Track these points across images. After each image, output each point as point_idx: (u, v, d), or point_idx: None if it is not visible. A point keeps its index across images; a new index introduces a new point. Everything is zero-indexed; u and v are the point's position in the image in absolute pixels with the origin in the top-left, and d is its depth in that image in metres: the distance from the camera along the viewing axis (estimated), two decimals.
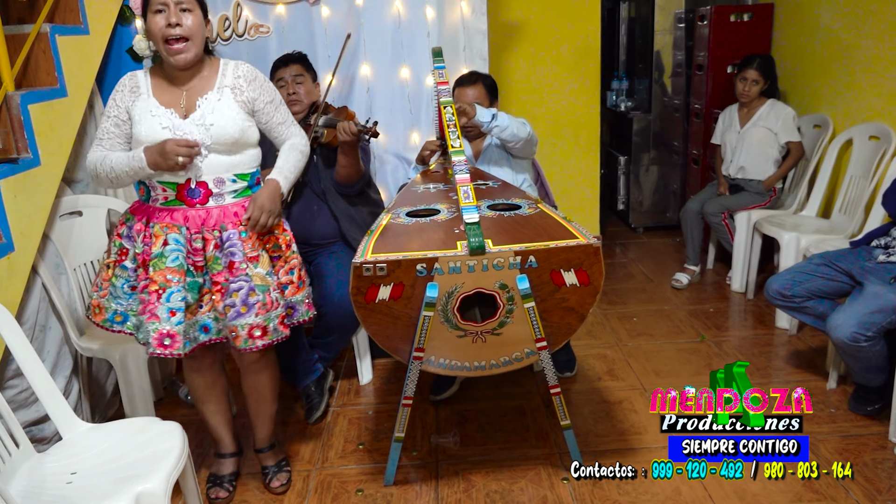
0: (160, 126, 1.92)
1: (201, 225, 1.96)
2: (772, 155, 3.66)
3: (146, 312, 1.93)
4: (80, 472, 1.75)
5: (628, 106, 5.13)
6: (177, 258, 1.93)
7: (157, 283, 1.92)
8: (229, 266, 1.97)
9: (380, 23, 3.09)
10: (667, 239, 4.83)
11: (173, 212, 1.96)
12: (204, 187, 1.96)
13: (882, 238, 2.54)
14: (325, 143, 2.73)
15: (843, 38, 3.51)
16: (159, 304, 1.92)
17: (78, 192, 2.68)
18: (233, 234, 1.97)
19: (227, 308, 1.97)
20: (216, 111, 1.95)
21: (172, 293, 1.93)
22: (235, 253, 1.97)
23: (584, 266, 1.98)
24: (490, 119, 2.55)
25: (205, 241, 1.96)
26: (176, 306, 1.93)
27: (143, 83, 1.98)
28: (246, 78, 2.02)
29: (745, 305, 3.64)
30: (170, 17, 1.87)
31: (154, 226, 1.95)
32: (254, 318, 1.98)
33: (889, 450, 2.32)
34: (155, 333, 1.92)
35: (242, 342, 1.98)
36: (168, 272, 1.93)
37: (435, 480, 2.30)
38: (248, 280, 1.98)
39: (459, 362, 2.12)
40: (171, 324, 1.93)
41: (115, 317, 2.02)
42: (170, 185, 1.95)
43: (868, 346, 2.30)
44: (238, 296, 1.97)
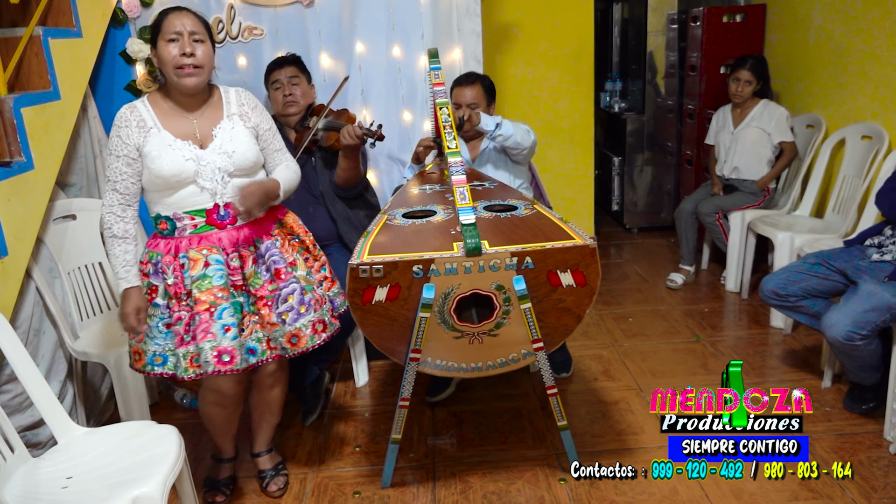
0: (183, 158, 1.92)
1: (236, 244, 1.98)
2: (765, 155, 3.68)
3: (199, 333, 1.91)
4: (75, 477, 1.74)
5: (622, 107, 5.14)
6: (221, 277, 1.94)
7: (206, 303, 1.92)
8: (276, 274, 2.03)
9: (374, 23, 3.09)
10: (661, 239, 4.84)
11: (204, 237, 1.96)
12: (231, 208, 1.98)
13: (875, 237, 2.56)
14: (325, 147, 2.73)
15: (836, 39, 3.53)
16: (213, 321, 1.91)
17: (72, 196, 2.67)
18: (270, 244, 2.04)
19: (283, 314, 2.01)
20: (234, 139, 1.99)
21: (224, 309, 1.93)
22: (278, 261, 2.04)
23: (581, 267, 1.99)
24: (494, 127, 2.55)
25: (241, 259, 1.99)
26: (229, 322, 1.93)
27: (148, 116, 1.95)
28: (250, 105, 2.08)
29: (740, 305, 3.65)
30: (184, 48, 1.89)
31: (190, 251, 1.94)
32: (314, 315, 2.07)
33: (884, 448, 2.33)
34: (213, 351, 1.91)
35: (308, 340, 2.04)
36: (217, 290, 1.93)
37: (432, 482, 2.30)
38: (297, 282, 2.05)
39: (456, 363, 2.12)
40: (227, 340, 1.92)
41: (154, 359, 2.00)
42: (198, 213, 1.96)
43: (863, 345, 2.31)
44: (294, 298, 2.03)
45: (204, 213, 1.96)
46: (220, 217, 1.98)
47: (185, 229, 1.97)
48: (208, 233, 1.97)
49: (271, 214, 2.10)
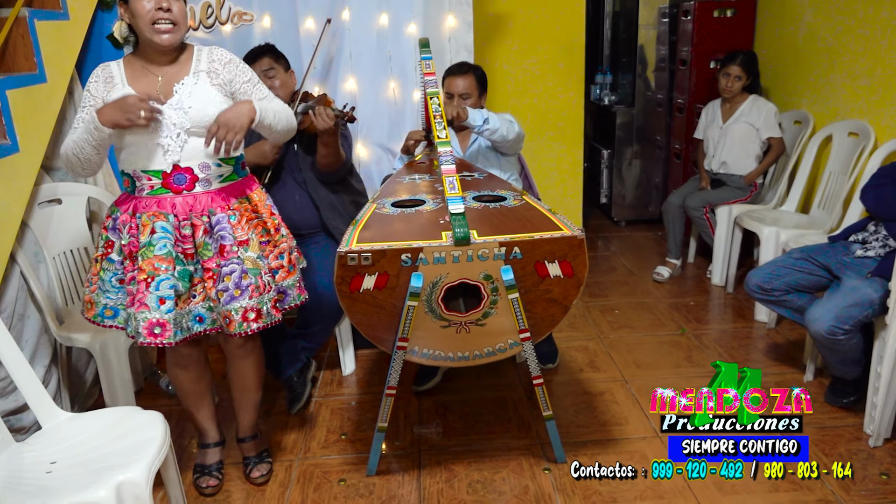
0: None
1: (189, 211, 1.94)
2: (753, 150, 3.70)
3: (135, 303, 1.91)
4: (59, 462, 1.73)
5: (612, 100, 5.15)
6: (164, 246, 1.92)
7: (145, 272, 1.90)
8: (220, 250, 1.96)
9: (365, 11, 3.08)
10: (648, 233, 4.86)
11: (160, 200, 1.94)
12: (189, 173, 1.95)
13: (860, 233, 2.58)
14: (302, 130, 2.71)
15: (824, 36, 3.55)
16: (148, 292, 1.90)
17: (57, 180, 2.64)
18: (222, 217, 1.97)
19: (220, 293, 1.96)
20: (193, 94, 1.94)
21: (161, 281, 1.91)
22: (226, 237, 1.96)
23: (569, 258, 2.00)
24: (482, 122, 2.55)
25: (193, 228, 1.95)
26: (165, 294, 1.91)
27: (118, 73, 1.96)
28: (220, 61, 2.02)
29: (725, 299, 3.68)
30: (160, 2, 1.86)
31: (141, 216, 1.93)
32: (247, 301, 1.98)
33: (864, 441, 2.36)
34: (145, 322, 1.91)
35: (237, 326, 1.97)
36: (156, 260, 1.91)
37: (417, 470, 2.31)
38: (239, 263, 1.97)
39: (443, 352, 2.13)
40: (160, 312, 1.91)
41: (105, 311, 2.01)
42: (155, 174, 1.93)
43: (845, 339, 2.33)
44: (231, 279, 1.96)
45: (160, 175, 1.94)
46: (175, 180, 1.94)
47: (143, 189, 1.95)
48: (164, 195, 1.94)
49: (237, 186, 2.04)
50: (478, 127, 2.56)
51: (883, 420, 2.31)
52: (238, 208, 2.01)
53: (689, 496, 2.12)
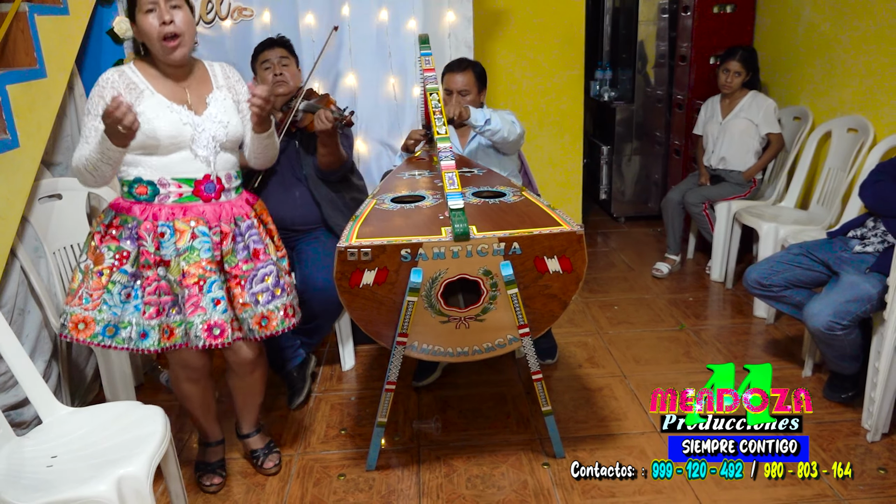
0: (181, 122, 1.90)
1: (219, 219, 1.96)
2: (752, 146, 3.70)
3: (188, 307, 1.89)
4: (60, 456, 1.74)
5: (612, 96, 5.15)
6: (209, 250, 1.93)
7: (195, 276, 1.90)
8: (254, 254, 2.01)
9: (365, 8, 3.08)
10: (648, 229, 4.87)
11: (188, 208, 1.93)
12: (219, 182, 1.98)
13: (858, 229, 2.59)
14: (303, 128, 2.72)
15: (824, 32, 3.55)
16: (202, 295, 1.90)
17: (57, 175, 2.64)
18: (250, 223, 2.02)
19: (258, 295, 1.99)
20: (227, 111, 1.98)
21: (213, 282, 1.92)
22: (258, 241, 2.03)
23: (568, 253, 2.00)
24: (483, 123, 2.55)
25: (222, 235, 1.97)
26: (219, 295, 1.93)
27: (138, 80, 1.93)
28: (234, 78, 2.09)
29: (724, 295, 3.69)
30: (162, 16, 1.86)
31: (175, 221, 1.91)
32: (286, 298, 2.06)
33: (862, 436, 2.37)
34: (203, 325, 1.90)
35: (279, 323, 2.02)
36: (204, 262, 1.91)
37: (417, 465, 2.31)
38: (274, 264, 2.05)
39: (442, 348, 2.13)
40: (218, 313, 1.92)
41: (107, 329, 1.94)
42: (186, 182, 1.93)
43: (843, 335, 2.34)
44: (270, 279, 2.02)
45: (192, 183, 1.94)
46: (206, 188, 1.96)
47: (169, 196, 1.93)
48: (191, 204, 1.94)
49: (246, 196, 2.10)
50: (479, 127, 2.56)
51: (881, 415, 2.31)
52: (255, 216, 2.07)
53: (686, 490, 2.13)
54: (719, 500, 2.10)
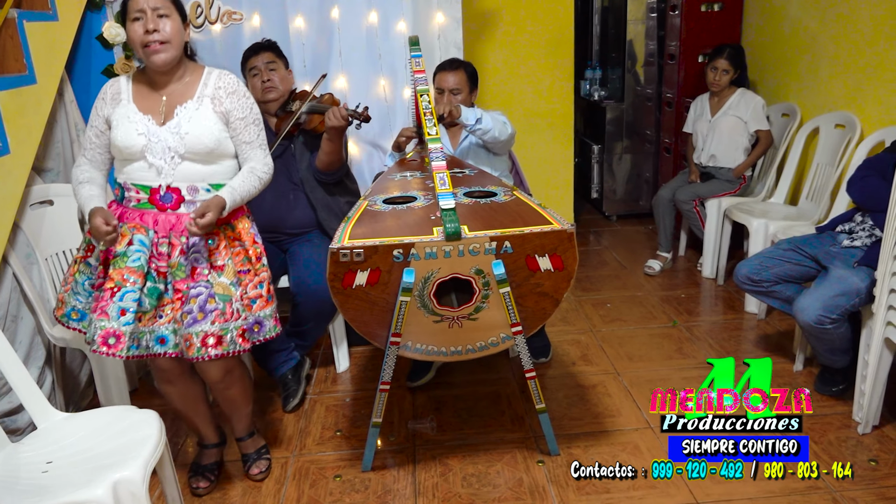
0: (136, 132, 1.92)
1: (170, 230, 1.94)
2: (742, 143, 3.73)
3: (97, 310, 1.91)
4: (55, 462, 1.74)
5: (601, 95, 5.17)
6: (138, 259, 1.91)
7: (113, 281, 1.90)
8: (192, 272, 1.95)
9: (354, 11, 3.09)
10: (639, 226, 4.89)
11: (143, 214, 1.95)
12: (177, 193, 1.95)
13: (846, 223, 2.61)
14: (308, 129, 2.73)
15: (810, 29, 3.58)
16: (111, 302, 1.89)
17: (49, 181, 2.64)
18: (199, 240, 1.96)
19: (184, 315, 1.94)
20: (193, 120, 1.94)
21: (127, 293, 1.89)
22: (199, 259, 1.96)
23: (559, 251, 2.02)
24: (474, 122, 2.56)
25: (171, 247, 1.94)
26: (127, 306, 1.89)
27: (125, 90, 1.99)
28: (226, 89, 2.00)
29: (716, 291, 3.71)
30: (147, 24, 1.87)
31: (122, 226, 1.93)
32: (209, 326, 1.93)
33: (853, 429, 2.39)
34: (101, 331, 1.89)
35: (195, 351, 1.93)
36: (127, 271, 1.90)
37: (412, 465, 2.32)
38: (207, 287, 1.95)
39: (436, 347, 2.14)
40: (119, 323, 1.89)
41: (72, 313, 2.05)
42: (143, 189, 1.95)
43: (833, 329, 2.36)
44: (196, 302, 1.94)
45: (148, 191, 1.95)
46: (161, 198, 1.95)
47: (131, 200, 1.97)
48: (148, 210, 1.96)
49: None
50: (470, 126, 2.57)
51: (871, 408, 2.34)
52: (219, 233, 2.00)
53: (680, 485, 2.15)
54: (712, 494, 2.11)
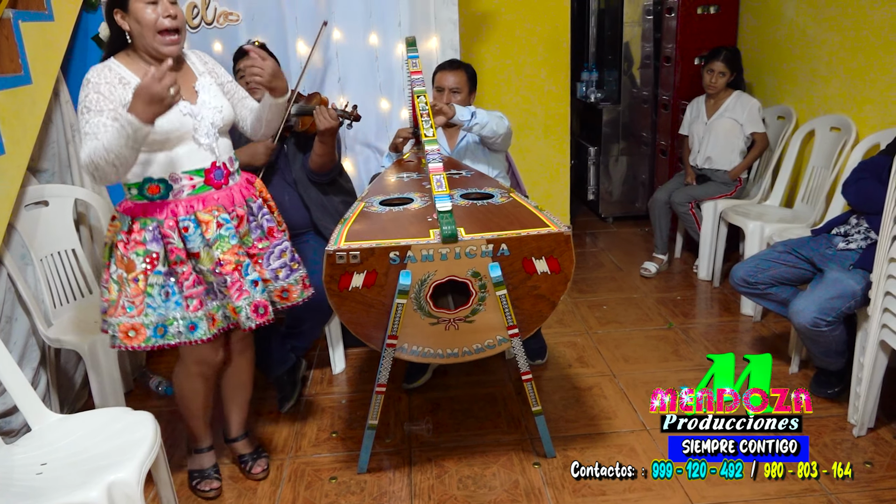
0: (181, 113, 1.90)
1: (233, 203, 2.00)
2: (737, 146, 3.74)
3: (234, 292, 1.94)
4: (50, 463, 1.73)
5: (598, 97, 5.18)
6: (235, 236, 1.97)
7: (232, 263, 1.95)
8: (269, 232, 2.09)
9: (351, 11, 3.08)
10: (636, 228, 4.90)
11: (204, 198, 1.95)
12: (224, 167, 2.01)
13: (842, 226, 2.62)
14: (300, 132, 2.72)
15: (807, 32, 3.59)
16: (243, 279, 1.96)
17: (44, 182, 2.63)
18: (259, 203, 2.09)
19: (277, 271, 2.08)
20: (214, 95, 2.01)
21: (248, 265, 1.98)
22: (270, 220, 2.11)
23: (555, 254, 2.02)
24: (469, 118, 2.55)
25: (238, 218, 2.00)
26: (256, 276, 2.00)
27: (128, 75, 1.90)
28: (212, 62, 2.12)
29: (712, 293, 3.72)
30: (168, 10, 1.87)
31: (198, 213, 1.92)
32: (303, 270, 2.17)
33: (848, 431, 2.40)
34: (250, 307, 1.97)
35: (298, 294, 2.13)
36: (236, 248, 1.96)
37: (408, 467, 2.32)
38: (288, 240, 2.14)
39: (432, 349, 2.14)
40: (258, 293, 1.99)
41: (157, 330, 1.93)
42: (196, 173, 1.95)
43: (828, 331, 2.37)
44: (287, 255, 2.12)
45: (202, 173, 1.95)
46: (216, 176, 1.98)
47: (183, 191, 1.93)
48: (205, 193, 1.95)
49: (246, 177, 2.13)
50: (466, 122, 2.56)
51: (866, 410, 2.34)
52: (259, 195, 2.12)
53: (676, 487, 2.15)
54: (708, 496, 2.11)
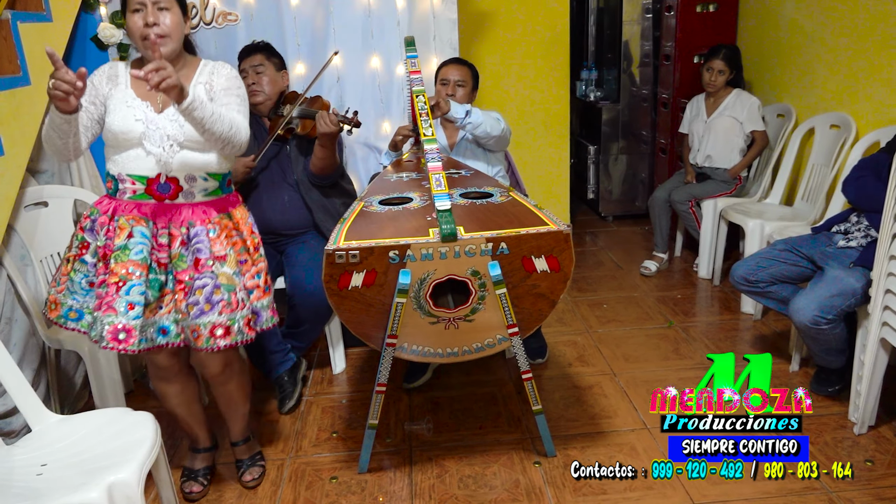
0: (134, 118, 1.90)
1: (169, 221, 1.93)
2: (737, 144, 3.73)
3: (103, 306, 1.87)
4: (50, 464, 1.73)
5: (597, 96, 5.18)
6: (141, 251, 1.89)
7: (117, 276, 1.87)
8: (195, 263, 1.93)
9: (349, 11, 3.08)
10: (636, 227, 4.90)
11: (141, 205, 1.93)
12: (174, 183, 1.94)
13: (842, 224, 2.62)
14: (301, 135, 2.72)
15: (806, 30, 3.59)
16: (118, 296, 1.86)
17: (43, 183, 2.63)
18: (201, 230, 1.93)
19: (190, 306, 1.91)
20: None
21: (133, 286, 1.87)
22: (202, 250, 1.93)
23: (555, 252, 2.01)
24: (464, 115, 2.55)
25: (171, 238, 1.93)
26: (135, 300, 1.87)
27: (123, 74, 1.97)
28: (221, 75, 2.01)
29: (712, 291, 3.72)
30: (147, 17, 1.87)
31: (119, 218, 1.91)
32: (217, 317, 1.91)
33: (849, 429, 2.39)
34: (110, 327, 1.85)
35: (204, 341, 1.91)
36: (130, 265, 1.88)
37: (409, 466, 2.32)
38: (213, 277, 1.92)
39: (432, 349, 2.14)
40: (128, 318, 1.86)
41: (69, 313, 1.97)
42: (139, 179, 1.92)
43: (828, 329, 2.37)
44: (202, 293, 1.91)
45: (145, 181, 1.93)
46: (160, 188, 1.93)
47: (126, 192, 1.94)
48: (144, 202, 1.93)
49: (221, 202, 2.01)
50: (460, 120, 2.56)
51: (867, 408, 2.34)
52: (219, 223, 1.97)
53: (677, 486, 2.15)
54: (709, 495, 2.11)
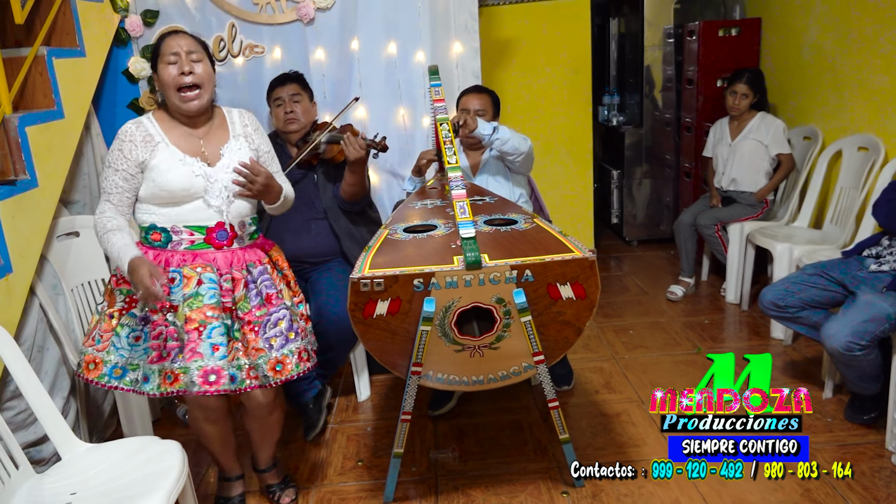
0: (193, 174, 1.96)
1: (230, 266, 2.00)
2: (763, 167, 3.70)
3: (188, 352, 1.90)
4: (79, 493, 1.75)
5: (620, 120, 5.18)
6: (213, 296, 1.94)
7: (196, 322, 1.91)
8: (267, 299, 2.03)
9: (374, 58, 3.12)
10: (661, 252, 4.85)
11: (200, 254, 1.98)
12: (231, 230, 2.02)
13: (873, 248, 2.57)
14: (328, 160, 2.75)
15: (830, 51, 3.57)
16: (201, 341, 1.91)
17: (75, 213, 2.69)
18: (262, 269, 2.05)
19: (271, 339, 2.00)
20: (239, 158, 2.02)
21: (213, 328, 1.93)
22: (270, 286, 2.04)
23: (581, 279, 2.00)
24: (491, 132, 2.57)
25: (233, 282, 1.99)
26: (218, 341, 1.93)
27: (155, 132, 1.99)
28: (253, 126, 2.14)
29: (740, 317, 3.66)
30: (182, 67, 1.93)
31: (184, 268, 1.95)
32: (300, 343, 2.05)
33: (886, 458, 2.33)
34: (199, 371, 1.90)
35: (293, 367, 2.01)
36: (207, 309, 1.93)
37: (434, 496, 2.30)
38: (287, 308, 2.05)
39: (457, 377, 2.13)
40: (214, 359, 1.91)
41: (114, 370, 1.98)
42: (198, 230, 1.98)
43: (862, 355, 2.31)
44: (283, 324, 2.02)
45: (204, 231, 1.98)
46: (218, 237, 2.00)
47: (181, 244, 1.98)
48: (203, 251, 1.99)
49: (261, 243, 2.14)
50: (487, 137, 2.57)
51: None
52: (268, 262, 2.10)
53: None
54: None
